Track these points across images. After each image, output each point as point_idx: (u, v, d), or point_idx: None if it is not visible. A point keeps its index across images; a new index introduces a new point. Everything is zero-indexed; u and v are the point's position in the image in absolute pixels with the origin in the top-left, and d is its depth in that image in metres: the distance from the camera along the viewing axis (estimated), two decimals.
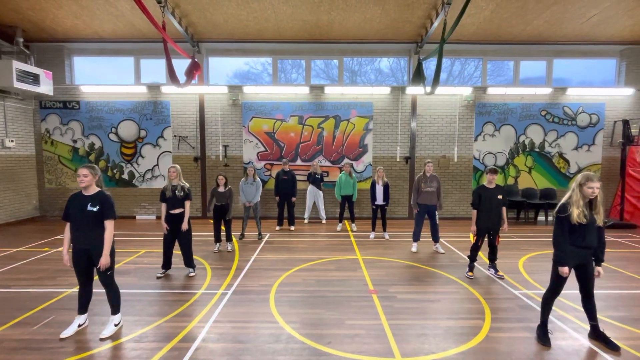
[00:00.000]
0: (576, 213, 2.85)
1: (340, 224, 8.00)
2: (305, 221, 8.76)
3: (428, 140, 9.23)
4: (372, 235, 7.14)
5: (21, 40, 8.17)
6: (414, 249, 6.14)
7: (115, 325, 3.30)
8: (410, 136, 9.17)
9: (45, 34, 8.49)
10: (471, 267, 4.87)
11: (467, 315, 3.66)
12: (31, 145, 9.05)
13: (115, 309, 3.33)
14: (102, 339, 3.14)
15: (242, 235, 6.95)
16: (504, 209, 4.78)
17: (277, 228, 7.91)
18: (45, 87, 8.22)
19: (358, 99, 9.10)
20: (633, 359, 2.86)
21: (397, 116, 9.15)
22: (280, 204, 7.90)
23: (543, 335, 3.13)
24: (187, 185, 4.76)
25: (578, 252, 2.97)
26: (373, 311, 3.74)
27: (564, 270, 2.95)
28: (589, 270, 3.02)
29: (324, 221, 8.77)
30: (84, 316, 3.34)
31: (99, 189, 3.22)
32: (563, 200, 2.99)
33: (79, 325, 3.30)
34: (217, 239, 6.06)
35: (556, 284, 3.08)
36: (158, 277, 4.72)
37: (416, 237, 6.15)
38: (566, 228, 2.93)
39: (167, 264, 4.84)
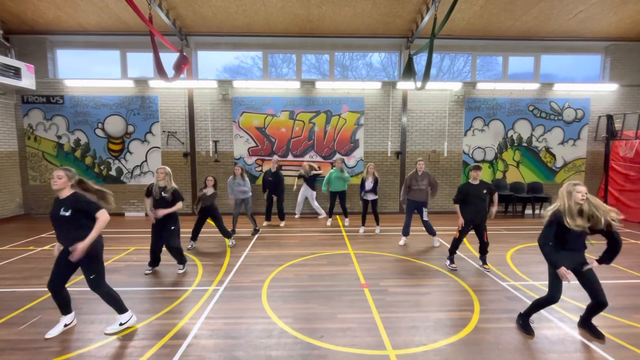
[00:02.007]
0: (572, 223, 2.84)
1: (330, 219, 8.01)
2: (296, 216, 8.75)
3: (419, 135, 9.29)
4: (361, 229, 7.18)
5: (0, 32, 7.87)
6: (401, 243, 6.23)
7: (121, 324, 3.23)
8: (401, 131, 9.21)
9: (26, 26, 8.20)
10: (452, 259, 4.97)
11: (457, 307, 3.73)
12: (13, 141, 8.78)
13: (118, 309, 3.24)
14: (106, 334, 3.14)
15: (233, 232, 6.90)
16: (496, 195, 4.94)
17: (265, 223, 7.86)
18: (27, 81, 7.96)
19: (349, 94, 9.08)
20: (616, 347, 2.97)
21: (388, 111, 9.18)
22: (268, 198, 7.86)
23: (525, 325, 3.21)
24: (175, 187, 4.60)
25: (570, 255, 2.99)
26: (365, 305, 3.78)
27: (562, 271, 2.89)
28: (582, 271, 3.02)
29: (321, 216, 8.69)
30: (69, 316, 3.26)
31: (73, 191, 3.04)
32: (553, 208, 2.99)
33: (65, 325, 3.23)
34: (194, 237, 5.98)
35: (553, 289, 3.01)
36: (146, 274, 4.68)
37: (406, 232, 6.22)
38: (553, 232, 2.94)
39: (154, 262, 4.77)
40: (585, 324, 3.21)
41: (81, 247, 2.90)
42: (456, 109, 9.23)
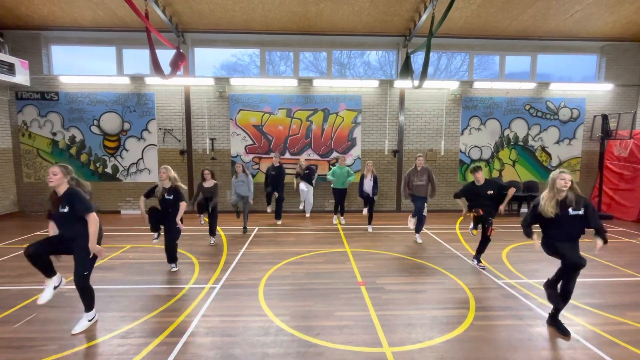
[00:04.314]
0: (546, 206, 3.09)
1: (335, 217, 8.03)
2: (307, 215, 8.71)
3: (416, 133, 9.32)
4: (365, 211, 7.09)
5: None
6: (410, 226, 6.25)
7: (89, 320, 3.25)
8: (398, 129, 9.23)
9: (20, 21, 8.10)
10: (479, 258, 4.93)
11: (453, 305, 3.76)
12: (7, 138, 8.69)
13: (89, 307, 3.26)
14: (74, 334, 3.10)
15: (237, 214, 6.99)
16: (511, 191, 4.88)
17: (269, 210, 7.94)
18: (22, 77, 7.87)
19: (347, 92, 9.07)
20: (609, 344, 3.00)
21: (386, 109, 9.18)
22: (269, 195, 7.83)
23: (558, 327, 3.19)
24: (180, 185, 4.63)
25: (561, 245, 3.09)
26: (361, 302, 3.80)
27: (534, 242, 3.28)
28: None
29: (307, 215, 8.73)
30: (56, 277, 3.18)
31: (69, 187, 3.07)
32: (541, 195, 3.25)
33: (55, 287, 3.17)
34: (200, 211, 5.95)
35: (562, 256, 3.12)
36: (154, 240, 4.70)
37: (416, 213, 6.11)
38: (534, 215, 3.23)
39: (156, 228, 4.69)
40: (554, 320, 3.22)
41: (96, 249, 3.09)
42: (453, 107, 9.26)
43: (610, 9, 7.50)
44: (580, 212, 3.05)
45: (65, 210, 3.00)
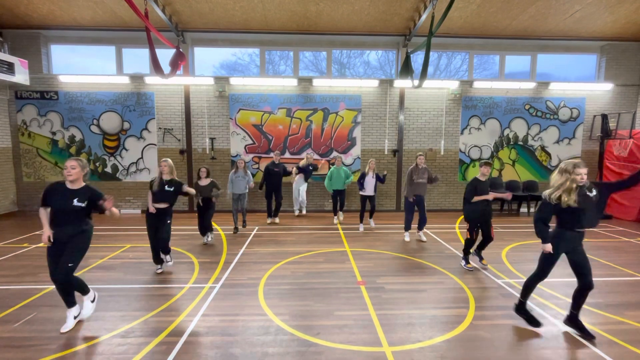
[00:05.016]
0: (571, 199, 2.87)
1: (335, 217, 8.02)
2: (296, 213, 8.74)
3: (415, 133, 9.31)
4: (361, 227, 7.19)
5: None
6: (406, 239, 6.31)
7: (92, 302, 3.28)
8: (398, 129, 9.23)
9: (19, 20, 8.09)
10: (467, 259, 4.92)
11: (452, 304, 3.76)
12: (7, 137, 8.68)
13: (84, 291, 3.25)
14: (82, 321, 3.16)
15: (236, 229, 6.90)
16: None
17: (268, 221, 7.85)
18: (21, 76, 7.86)
19: (347, 91, 9.07)
20: (608, 343, 3.01)
21: (385, 109, 9.18)
22: (268, 195, 7.82)
23: (530, 319, 3.22)
24: (179, 180, 4.60)
25: (573, 235, 3.01)
26: (361, 302, 3.80)
27: (547, 247, 3.02)
28: (579, 251, 3.03)
29: (297, 213, 8.71)
30: (75, 308, 3.24)
31: (85, 184, 3.15)
32: (552, 189, 2.99)
33: (75, 317, 3.22)
34: (203, 232, 6.05)
35: (543, 269, 3.13)
36: (158, 273, 4.63)
37: (408, 227, 6.31)
38: (550, 211, 2.98)
39: (158, 260, 4.72)
40: (574, 322, 3.15)
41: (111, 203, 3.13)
42: (453, 107, 9.26)
43: (610, 8, 7.50)
44: (594, 194, 2.96)
45: (83, 204, 3.04)
